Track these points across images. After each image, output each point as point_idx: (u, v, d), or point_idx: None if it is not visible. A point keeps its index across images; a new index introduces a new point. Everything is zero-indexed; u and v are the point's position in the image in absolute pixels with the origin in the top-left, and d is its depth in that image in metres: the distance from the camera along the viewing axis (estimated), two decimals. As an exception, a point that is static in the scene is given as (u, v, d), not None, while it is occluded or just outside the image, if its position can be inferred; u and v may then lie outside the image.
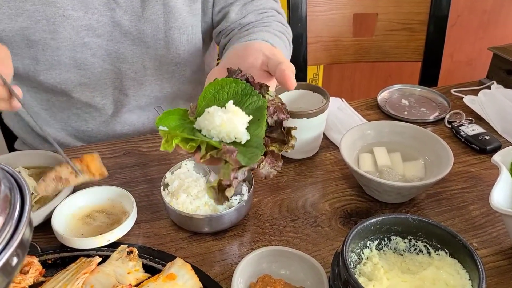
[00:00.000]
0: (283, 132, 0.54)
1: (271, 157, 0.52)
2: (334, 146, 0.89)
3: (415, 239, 0.58)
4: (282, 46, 0.86)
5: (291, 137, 0.53)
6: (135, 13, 0.86)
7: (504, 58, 1.06)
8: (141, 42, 0.89)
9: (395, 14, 1.33)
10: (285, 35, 0.91)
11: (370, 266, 0.57)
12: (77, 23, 0.83)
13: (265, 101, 0.55)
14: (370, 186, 0.74)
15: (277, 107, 0.55)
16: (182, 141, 0.52)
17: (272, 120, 0.55)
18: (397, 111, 1.00)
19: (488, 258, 0.65)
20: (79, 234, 0.67)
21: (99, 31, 0.85)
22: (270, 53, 0.63)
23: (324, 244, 0.68)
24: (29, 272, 0.57)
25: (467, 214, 0.73)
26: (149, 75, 0.95)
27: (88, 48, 0.86)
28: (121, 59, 0.90)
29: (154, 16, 0.87)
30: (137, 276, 0.60)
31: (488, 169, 0.82)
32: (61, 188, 0.66)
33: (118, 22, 0.86)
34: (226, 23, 0.92)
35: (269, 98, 0.57)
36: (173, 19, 0.88)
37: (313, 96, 0.86)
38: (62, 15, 0.81)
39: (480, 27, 1.97)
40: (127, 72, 0.92)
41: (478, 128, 0.90)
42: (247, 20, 0.91)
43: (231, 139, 0.52)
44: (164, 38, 0.90)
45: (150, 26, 0.88)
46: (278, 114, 0.55)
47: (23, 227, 0.41)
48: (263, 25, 0.90)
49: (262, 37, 0.80)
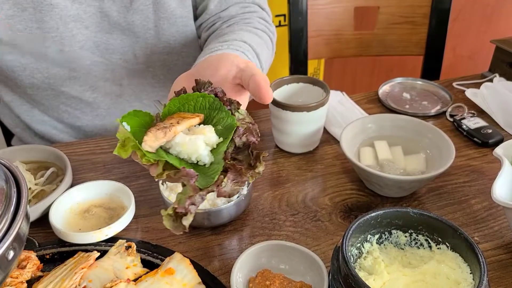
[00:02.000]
0: (250, 155, 0.49)
1: (234, 173, 0.46)
2: (334, 140, 0.88)
3: (416, 233, 0.57)
4: (264, 46, 0.82)
5: (259, 163, 0.48)
6: (123, 4, 0.84)
7: (506, 50, 1.05)
8: (131, 32, 0.88)
9: (397, 7, 1.31)
10: (267, 34, 0.87)
11: (371, 260, 0.56)
12: (64, 12, 0.81)
13: (234, 119, 0.51)
14: (371, 180, 0.73)
15: (247, 128, 0.51)
16: (139, 150, 0.47)
17: (240, 142, 0.50)
18: (399, 104, 0.99)
19: (490, 252, 0.65)
20: (77, 229, 0.66)
21: (86, 22, 0.84)
22: (244, 65, 0.59)
23: (324, 238, 0.67)
24: (26, 267, 0.57)
25: (469, 208, 0.72)
26: (141, 63, 0.93)
27: (76, 40, 0.85)
28: (111, 50, 0.89)
29: (143, 7, 0.86)
30: (136, 271, 0.59)
31: (490, 163, 0.81)
32: (170, 138, 0.51)
33: (106, 12, 0.84)
34: (206, 15, 0.91)
35: (239, 116, 0.52)
36: (162, 10, 0.87)
37: (313, 89, 0.85)
38: (50, 4, 0.79)
39: (483, 21, 1.95)
40: (118, 62, 0.91)
41: (480, 122, 0.89)
42: (227, 13, 0.89)
43: (192, 161, 0.48)
44: (154, 28, 0.89)
45: (139, 17, 0.86)
46: (247, 136, 0.50)
47: (19, 220, 0.40)
48: (243, 21, 0.87)
49: (241, 38, 0.77)
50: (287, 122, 0.80)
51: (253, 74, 0.56)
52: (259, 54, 0.78)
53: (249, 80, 0.56)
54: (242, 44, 0.75)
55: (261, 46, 0.80)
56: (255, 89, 0.56)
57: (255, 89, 0.55)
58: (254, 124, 0.52)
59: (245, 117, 0.53)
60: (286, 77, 0.86)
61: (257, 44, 0.78)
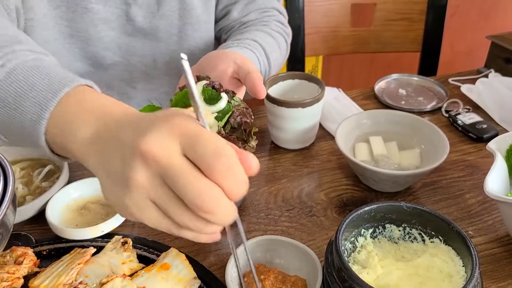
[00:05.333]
0: (243, 132, 0.57)
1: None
2: (330, 136, 0.88)
3: (409, 227, 0.58)
4: (275, 47, 0.88)
5: (251, 137, 0.57)
6: (150, 10, 0.86)
7: (502, 46, 1.05)
8: (153, 37, 0.89)
9: (394, 3, 1.32)
10: (282, 36, 0.93)
11: (365, 254, 0.56)
12: (96, 16, 0.82)
13: (230, 106, 0.60)
14: (366, 175, 0.74)
15: (241, 111, 0.60)
16: None
17: (235, 122, 0.59)
18: (395, 100, 0.99)
19: (484, 245, 0.65)
20: (74, 225, 0.66)
21: (112, 24, 0.85)
22: (241, 62, 0.69)
23: (319, 233, 0.68)
24: (23, 263, 0.57)
25: (463, 202, 0.73)
26: (159, 69, 0.94)
27: (102, 42, 0.86)
28: (132, 52, 0.90)
29: (170, 13, 0.87)
30: (132, 266, 0.60)
31: (485, 158, 0.82)
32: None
33: (131, 17, 0.85)
34: (227, 21, 0.94)
35: (234, 103, 0.61)
36: (188, 16, 0.88)
37: (308, 86, 0.86)
38: (85, 8, 0.80)
39: (480, 17, 1.95)
40: (137, 65, 0.92)
41: (475, 117, 0.90)
42: (248, 18, 0.93)
43: None
44: (178, 34, 0.90)
45: (164, 23, 0.88)
46: (241, 118, 0.59)
47: (5, 207, 0.41)
48: (261, 23, 0.92)
49: (253, 37, 0.83)
50: (282, 118, 0.80)
51: (248, 72, 0.65)
52: (268, 53, 0.84)
53: (245, 77, 0.66)
54: (252, 43, 0.82)
55: (272, 46, 0.86)
56: (250, 86, 0.65)
57: (250, 86, 0.65)
58: (248, 108, 0.61)
59: (240, 103, 0.61)
60: (282, 73, 0.87)
61: (268, 44, 0.85)
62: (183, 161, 0.36)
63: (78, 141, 0.42)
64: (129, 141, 0.37)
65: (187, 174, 0.35)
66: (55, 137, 0.45)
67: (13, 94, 0.46)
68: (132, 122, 0.39)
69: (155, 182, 0.36)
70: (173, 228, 0.38)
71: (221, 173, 0.35)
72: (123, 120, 0.40)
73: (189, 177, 0.35)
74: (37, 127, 0.45)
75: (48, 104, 0.45)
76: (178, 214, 0.36)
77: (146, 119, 0.38)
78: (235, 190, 0.36)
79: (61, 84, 0.45)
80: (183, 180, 0.35)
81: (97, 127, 0.42)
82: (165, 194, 0.36)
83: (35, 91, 0.46)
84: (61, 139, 0.44)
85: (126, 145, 0.37)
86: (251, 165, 0.37)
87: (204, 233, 0.39)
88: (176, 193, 0.36)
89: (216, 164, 0.35)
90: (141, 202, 0.37)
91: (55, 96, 0.45)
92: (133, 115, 0.41)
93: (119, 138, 0.38)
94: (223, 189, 0.36)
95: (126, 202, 0.37)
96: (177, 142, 0.36)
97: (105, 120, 0.42)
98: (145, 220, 0.38)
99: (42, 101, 0.45)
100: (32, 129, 0.45)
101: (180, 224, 0.37)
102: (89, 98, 0.45)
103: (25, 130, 0.46)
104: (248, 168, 0.37)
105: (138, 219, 0.38)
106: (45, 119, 0.44)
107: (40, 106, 0.45)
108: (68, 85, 0.46)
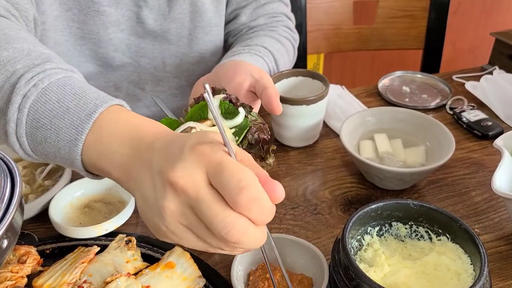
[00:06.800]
0: (261, 149, 0.57)
1: None
2: (334, 134, 0.88)
3: (416, 224, 0.57)
4: (284, 52, 0.89)
5: (269, 154, 0.57)
6: (161, 12, 0.85)
7: (506, 43, 1.04)
8: (164, 39, 0.89)
9: (396, 1, 1.31)
10: (290, 41, 0.93)
11: (371, 252, 0.56)
12: (108, 19, 0.82)
13: (248, 121, 0.59)
14: (371, 172, 0.73)
15: (259, 127, 0.59)
16: None
17: (252, 138, 0.59)
18: (398, 98, 0.98)
19: (490, 243, 0.64)
20: (77, 224, 0.66)
21: (123, 25, 0.85)
22: (259, 76, 0.68)
23: (324, 231, 0.67)
24: (27, 262, 0.57)
25: (469, 200, 0.72)
26: (168, 72, 0.94)
27: (112, 43, 0.86)
28: (141, 53, 0.90)
29: (181, 15, 0.86)
30: (136, 265, 0.59)
31: (490, 155, 0.81)
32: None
33: (142, 19, 0.85)
34: (236, 25, 0.94)
35: (251, 118, 0.60)
36: (199, 19, 0.88)
37: (312, 83, 0.85)
38: (97, 11, 0.80)
39: (483, 14, 1.95)
40: (146, 66, 0.92)
41: (480, 114, 0.89)
42: (256, 23, 0.93)
43: None
44: (188, 37, 0.90)
45: (175, 25, 0.87)
46: (259, 134, 0.59)
47: (13, 210, 0.40)
48: (269, 29, 0.92)
49: (262, 43, 0.84)
50: (286, 116, 0.80)
51: (265, 88, 0.66)
52: (277, 59, 0.85)
53: (262, 92, 0.66)
54: (262, 50, 0.82)
55: (280, 52, 0.87)
56: (266, 101, 0.66)
57: (266, 101, 0.66)
58: (264, 124, 0.60)
59: (257, 118, 0.61)
60: (286, 70, 0.86)
61: (277, 50, 0.85)
62: (209, 192, 0.36)
63: (115, 165, 0.43)
64: (160, 170, 0.38)
65: (213, 206, 0.36)
66: (91, 159, 0.45)
67: (48, 116, 0.46)
68: (163, 149, 0.40)
69: (186, 211, 0.37)
70: (208, 248, 0.39)
71: (245, 205, 0.35)
72: (155, 145, 0.41)
73: (215, 209, 0.36)
74: (74, 149, 0.45)
75: (84, 126, 0.45)
76: (210, 240, 0.38)
77: (176, 146, 0.39)
78: (261, 219, 0.36)
79: (95, 106, 0.45)
80: (209, 212, 0.36)
81: (132, 152, 0.43)
82: (196, 221, 0.37)
83: (69, 113, 0.45)
84: (97, 161, 0.45)
85: (157, 174, 0.38)
86: (277, 195, 0.37)
87: (236, 252, 0.41)
88: (205, 223, 0.37)
89: (239, 198, 0.35)
90: (176, 228, 0.38)
91: (89, 118, 0.45)
92: (164, 138, 0.42)
93: (151, 166, 0.39)
94: (249, 219, 0.36)
95: (162, 228, 0.38)
96: (204, 171, 0.37)
97: (139, 145, 0.42)
98: (182, 243, 0.39)
99: (78, 123, 0.45)
100: (68, 150, 0.46)
101: (214, 247, 0.39)
102: (122, 118, 0.46)
103: (60, 151, 0.46)
104: (274, 198, 0.37)
105: (174, 242, 0.40)
106: (81, 142, 0.45)
107: (76, 128, 0.45)
108: (102, 105, 0.46)
